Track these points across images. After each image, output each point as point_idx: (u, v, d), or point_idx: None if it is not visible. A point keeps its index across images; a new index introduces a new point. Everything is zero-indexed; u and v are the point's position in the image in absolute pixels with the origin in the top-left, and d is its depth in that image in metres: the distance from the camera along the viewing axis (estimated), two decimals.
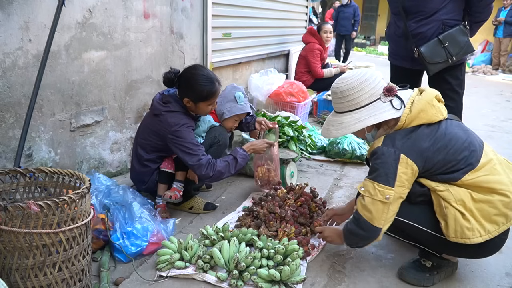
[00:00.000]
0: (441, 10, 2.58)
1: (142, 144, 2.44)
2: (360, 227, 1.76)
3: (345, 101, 1.81)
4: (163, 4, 3.20)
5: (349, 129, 1.80)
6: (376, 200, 1.70)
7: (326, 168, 3.38)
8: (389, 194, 1.68)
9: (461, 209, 1.66)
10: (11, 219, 1.45)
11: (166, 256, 1.95)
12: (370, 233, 1.74)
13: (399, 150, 1.67)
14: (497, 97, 7.04)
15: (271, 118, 3.35)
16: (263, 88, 4.52)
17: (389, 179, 1.67)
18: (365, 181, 1.77)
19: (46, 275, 1.53)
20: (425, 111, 1.72)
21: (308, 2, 6.77)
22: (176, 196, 2.41)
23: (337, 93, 1.84)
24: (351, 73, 1.83)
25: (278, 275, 1.79)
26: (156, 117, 2.34)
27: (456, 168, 1.69)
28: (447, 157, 1.69)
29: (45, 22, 2.31)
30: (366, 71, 1.83)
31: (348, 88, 1.79)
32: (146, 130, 2.42)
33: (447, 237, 1.69)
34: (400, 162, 1.66)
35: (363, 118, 1.77)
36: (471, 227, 1.65)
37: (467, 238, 1.65)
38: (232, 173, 2.39)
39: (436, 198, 1.72)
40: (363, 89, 1.77)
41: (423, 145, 1.68)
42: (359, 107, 1.79)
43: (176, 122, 2.27)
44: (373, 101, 1.78)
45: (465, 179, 1.68)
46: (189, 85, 2.30)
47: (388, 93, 1.77)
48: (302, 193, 2.45)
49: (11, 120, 2.25)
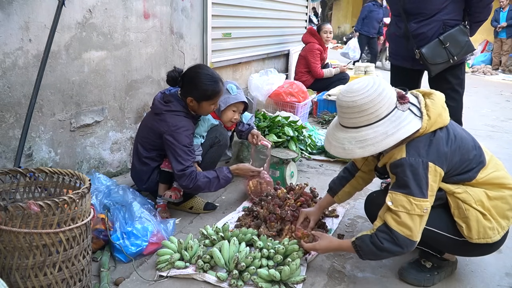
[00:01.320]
0: (442, 11, 2.58)
1: (142, 141, 2.45)
2: (399, 244, 1.63)
3: (363, 115, 1.64)
4: (163, 4, 3.20)
5: (379, 146, 1.63)
6: (414, 215, 1.61)
7: (326, 168, 3.38)
8: (426, 206, 1.61)
9: (481, 210, 1.65)
10: (11, 219, 1.45)
11: (166, 256, 1.95)
12: (408, 248, 1.65)
13: (426, 159, 1.61)
14: (497, 97, 7.04)
15: (271, 118, 3.35)
16: (263, 88, 4.52)
17: (423, 191, 1.60)
18: (395, 195, 1.65)
19: (46, 275, 1.53)
20: (441, 115, 1.68)
21: (308, 2, 6.77)
22: (176, 196, 2.41)
23: (352, 108, 1.64)
24: (363, 84, 1.65)
25: (278, 275, 1.79)
26: (156, 116, 2.35)
27: (470, 167, 1.69)
28: (462, 158, 1.68)
29: (45, 22, 2.31)
30: (376, 80, 1.67)
31: (367, 101, 1.61)
32: (146, 128, 2.43)
33: (469, 239, 1.67)
34: (429, 171, 1.60)
35: (391, 132, 1.62)
36: (492, 226, 1.66)
37: (489, 238, 1.66)
38: (211, 191, 2.41)
39: (454, 201, 1.69)
40: (382, 100, 1.62)
41: (444, 149, 1.64)
42: (379, 120, 1.64)
43: (175, 124, 2.27)
44: (391, 111, 1.65)
45: (479, 177, 1.69)
46: (193, 84, 2.30)
47: (403, 100, 1.67)
48: (302, 193, 2.45)
49: (11, 120, 2.25)
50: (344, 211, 2.55)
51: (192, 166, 2.31)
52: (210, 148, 2.51)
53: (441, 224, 1.73)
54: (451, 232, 1.72)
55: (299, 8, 6.43)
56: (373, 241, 1.68)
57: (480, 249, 1.76)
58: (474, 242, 1.68)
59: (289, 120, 3.34)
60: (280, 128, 3.21)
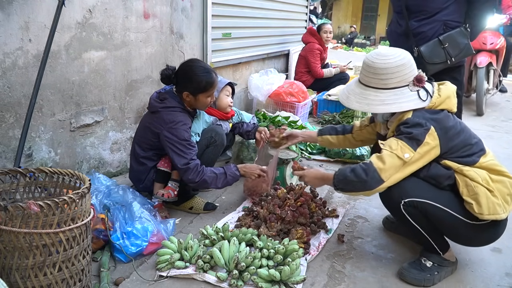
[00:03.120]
0: (443, 11, 2.58)
1: (139, 141, 2.45)
2: (365, 171, 1.75)
3: (374, 78, 1.83)
4: (163, 4, 3.20)
5: (371, 108, 1.84)
6: (393, 154, 1.72)
7: (326, 168, 3.38)
8: (409, 154, 1.71)
9: (488, 187, 1.73)
10: (11, 219, 1.45)
11: (166, 256, 1.95)
12: (372, 181, 1.74)
13: (429, 122, 1.74)
14: (497, 97, 7.03)
15: (271, 118, 3.35)
16: (263, 88, 4.52)
17: (413, 143, 1.71)
18: (389, 139, 1.80)
19: (46, 275, 1.53)
20: (450, 98, 1.83)
21: (308, 2, 6.76)
22: (169, 195, 2.39)
23: (370, 67, 1.83)
24: (392, 52, 1.82)
25: (278, 275, 1.79)
26: (153, 115, 2.35)
27: (471, 151, 1.79)
28: (464, 141, 1.79)
29: (45, 22, 2.31)
30: (406, 54, 1.84)
31: (384, 67, 1.79)
32: (143, 128, 2.43)
33: (479, 215, 1.72)
34: (429, 132, 1.72)
35: (388, 102, 1.80)
36: (500, 203, 1.73)
37: (497, 214, 1.72)
38: (218, 187, 2.38)
39: (462, 179, 1.75)
40: (397, 72, 1.79)
41: (448, 124, 1.77)
42: (386, 88, 1.81)
43: (172, 120, 2.27)
44: (400, 87, 1.81)
45: (481, 161, 1.78)
46: (187, 77, 2.31)
47: (418, 83, 1.81)
48: (302, 193, 2.45)
49: (11, 120, 2.25)
50: (344, 211, 2.55)
51: (196, 159, 2.29)
52: (206, 148, 2.50)
53: (452, 204, 1.77)
54: (461, 213, 1.76)
55: (299, 8, 6.43)
56: (351, 166, 1.83)
57: (485, 234, 1.81)
58: (485, 218, 1.72)
59: (289, 120, 3.34)
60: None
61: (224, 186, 2.40)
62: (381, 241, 2.26)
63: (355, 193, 1.86)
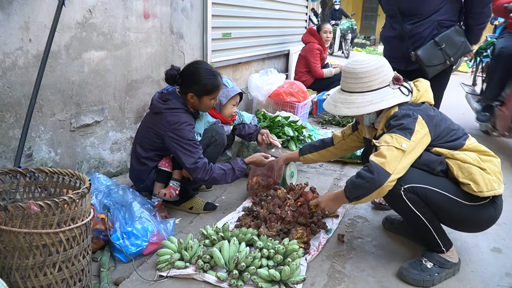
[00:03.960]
0: (437, 12, 2.57)
1: (141, 142, 2.45)
2: (370, 171, 1.76)
3: (358, 82, 1.92)
4: (163, 4, 3.21)
5: (361, 110, 1.91)
6: (391, 146, 1.76)
7: (326, 168, 3.38)
8: (405, 143, 1.76)
9: (480, 166, 1.80)
10: (11, 219, 1.45)
11: (166, 256, 1.95)
12: (380, 177, 1.73)
13: (416, 112, 1.83)
14: None
15: (271, 118, 3.35)
16: (263, 88, 4.52)
17: (406, 133, 1.78)
18: (383, 136, 1.85)
19: (46, 275, 1.53)
20: (428, 91, 1.99)
21: (308, 2, 6.76)
22: (171, 194, 2.40)
23: (351, 73, 1.93)
24: (368, 57, 1.95)
25: (278, 275, 1.79)
26: (156, 116, 2.35)
27: (457, 136, 1.89)
28: (448, 127, 1.90)
29: (45, 22, 2.31)
30: (381, 58, 1.97)
31: (364, 71, 1.90)
32: (146, 129, 2.43)
33: (480, 193, 1.77)
34: (417, 121, 1.80)
35: (376, 101, 1.89)
36: (494, 179, 1.80)
37: (495, 190, 1.78)
38: (228, 182, 2.42)
39: (455, 163, 1.83)
40: (378, 74, 1.90)
41: (431, 114, 1.87)
42: (370, 90, 1.91)
43: (176, 121, 2.28)
44: (383, 87, 1.92)
45: (467, 144, 1.88)
46: (193, 79, 2.32)
47: (397, 82, 1.93)
48: (302, 193, 2.45)
49: (11, 120, 2.25)
50: (344, 211, 2.55)
51: (203, 158, 2.30)
52: (207, 148, 2.50)
53: (449, 188, 1.82)
54: (460, 196, 1.81)
55: (299, 8, 6.43)
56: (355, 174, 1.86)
57: (487, 212, 1.84)
58: (485, 195, 1.77)
59: (289, 120, 3.34)
60: (280, 128, 3.21)
61: (233, 180, 2.44)
62: (381, 241, 2.26)
63: (369, 197, 1.82)
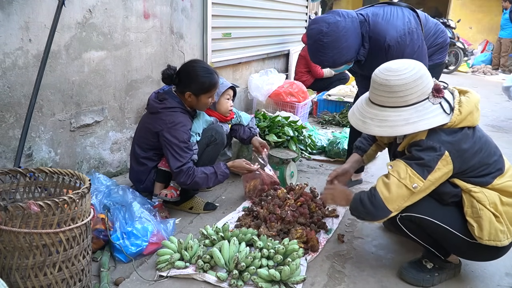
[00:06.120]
0: None
1: (139, 142, 2.46)
2: (372, 202, 1.69)
3: (392, 97, 1.64)
4: (163, 4, 3.20)
5: (396, 130, 1.66)
6: (402, 184, 1.64)
7: (326, 168, 3.38)
8: (418, 184, 1.62)
9: (494, 212, 1.65)
10: (11, 219, 1.45)
11: (166, 256, 1.95)
12: (379, 212, 1.69)
13: (444, 147, 1.62)
14: (497, 97, 7.04)
15: (271, 118, 3.35)
16: (263, 88, 4.52)
17: (424, 171, 1.62)
18: (398, 162, 1.69)
19: (46, 275, 1.53)
20: (472, 114, 1.67)
21: (308, 2, 6.76)
22: (172, 195, 2.40)
23: (384, 86, 1.65)
24: (405, 66, 1.64)
25: (278, 275, 1.79)
26: (152, 115, 2.36)
27: (487, 171, 1.68)
28: (481, 160, 1.67)
29: (45, 22, 2.31)
30: (421, 66, 1.66)
31: (401, 83, 1.61)
32: (143, 129, 2.44)
33: (479, 239, 1.66)
34: (442, 158, 1.61)
35: (413, 120, 1.63)
36: (504, 230, 1.65)
37: (498, 241, 1.65)
38: (209, 186, 2.43)
39: (469, 199, 1.68)
40: (417, 86, 1.62)
41: (464, 146, 1.64)
42: (406, 105, 1.64)
43: (172, 120, 2.29)
44: (421, 101, 1.64)
45: (495, 183, 1.68)
46: (190, 78, 2.33)
47: (437, 94, 1.65)
48: (302, 193, 2.45)
49: (11, 120, 2.25)
50: (344, 211, 2.55)
51: (190, 162, 2.31)
52: (206, 147, 2.50)
53: (453, 222, 1.71)
54: (462, 232, 1.71)
55: (299, 8, 6.42)
56: (361, 194, 1.77)
57: (487, 253, 1.75)
58: (484, 243, 1.66)
59: (289, 120, 3.33)
60: (280, 128, 3.20)
61: (215, 185, 2.45)
62: (381, 241, 2.26)
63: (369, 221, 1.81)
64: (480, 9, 12.65)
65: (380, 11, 2.37)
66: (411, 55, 1.70)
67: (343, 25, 2.23)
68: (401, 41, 2.26)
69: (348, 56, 2.31)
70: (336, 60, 2.30)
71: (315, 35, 2.27)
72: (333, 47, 2.24)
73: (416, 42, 2.30)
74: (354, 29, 2.27)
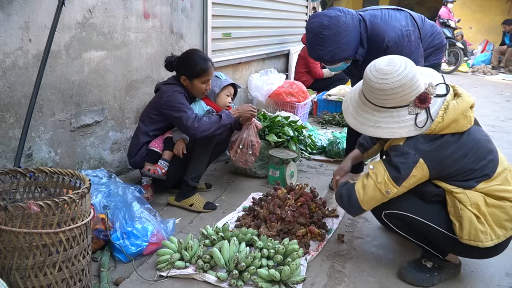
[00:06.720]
0: None
1: (143, 117, 2.66)
2: (349, 201, 1.82)
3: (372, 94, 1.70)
4: (163, 4, 3.21)
5: (363, 129, 1.77)
6: (377, 188, 1.72)
7: (326, 168, 3.38)
8: (391, 190, 1.70)
9: (476, 212, 1.65)
10: (11, 219, 1.45)
11: (166, 256, 1.95)
12: (354, 210, 1.84)
13: (419, 154, 1.63)
14: (497, 97, 7.04)
15: (271, 118, 3.35)
16: (263, 88, 4.52)
17: (399, 179, 1.67)
18: (379, 164, 1.74)
19: (46, 275, 1.53)
20: (457, 121, 1.65)
21: (308, 2, 6.76)
22: (156, 171, 2.53)
23: (367, 82, 1.70)
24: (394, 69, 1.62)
25: (278, 275, 1.79)
26: (155, 93, 2.63)
27: (471, 177, 1.67)
28: (465, 166, 1.66)
29: (45, 22, 2.31)
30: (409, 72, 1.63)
31: (380, 88, 1.64)
32: (148, 106, 2.66)
33: (459, 238, 1.68)
34: (417, 166, 1.64)
35: (381, 125, 1.70)
36: (485, 230, 1.65)
37: (479, 241, 1.65)
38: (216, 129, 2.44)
39: (451, 199, 1.70)
40: (394, 94, 1.64)
41: (444, 153, 1.64)
42: (384, 107, 1.69)
43: (168, 89, 2.51)
44: (400, 106, 1.67)
45: (479, 187, 1.67)
46: (184, 62, 2.55)
47: (420, 104, 1.64)
48: (302, 193, 2.45)
49: (11, 120, 2.25)
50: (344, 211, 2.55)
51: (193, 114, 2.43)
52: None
53: (436, 219, 1.74)
54: (445, 227, 1.73)
55: (299, 8, 6.43)
56: (342, 190, 1.88)
57: (471, 252, 1.76)
58: (464, 242, 1.67)
59: (289, 120, 3.33)
60: (280, 128, 3.20)
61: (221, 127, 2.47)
62: (381, 241, 2.26)
63: None
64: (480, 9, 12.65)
65: (378, 13, 2.42)
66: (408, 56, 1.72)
67: (344, 20, 2.27)
68: (399, 42, 2.31)
69: (347, 52, 2.33)
70: (335, 55, 2.32)
71: (315, 28, 2.30)
72: (332, 41, 2.27)
73: (413, 43, 2.35)
74: (354, 26, 2.31)
